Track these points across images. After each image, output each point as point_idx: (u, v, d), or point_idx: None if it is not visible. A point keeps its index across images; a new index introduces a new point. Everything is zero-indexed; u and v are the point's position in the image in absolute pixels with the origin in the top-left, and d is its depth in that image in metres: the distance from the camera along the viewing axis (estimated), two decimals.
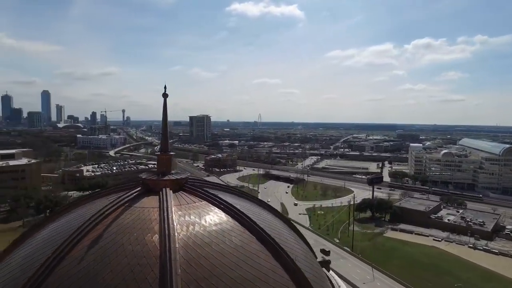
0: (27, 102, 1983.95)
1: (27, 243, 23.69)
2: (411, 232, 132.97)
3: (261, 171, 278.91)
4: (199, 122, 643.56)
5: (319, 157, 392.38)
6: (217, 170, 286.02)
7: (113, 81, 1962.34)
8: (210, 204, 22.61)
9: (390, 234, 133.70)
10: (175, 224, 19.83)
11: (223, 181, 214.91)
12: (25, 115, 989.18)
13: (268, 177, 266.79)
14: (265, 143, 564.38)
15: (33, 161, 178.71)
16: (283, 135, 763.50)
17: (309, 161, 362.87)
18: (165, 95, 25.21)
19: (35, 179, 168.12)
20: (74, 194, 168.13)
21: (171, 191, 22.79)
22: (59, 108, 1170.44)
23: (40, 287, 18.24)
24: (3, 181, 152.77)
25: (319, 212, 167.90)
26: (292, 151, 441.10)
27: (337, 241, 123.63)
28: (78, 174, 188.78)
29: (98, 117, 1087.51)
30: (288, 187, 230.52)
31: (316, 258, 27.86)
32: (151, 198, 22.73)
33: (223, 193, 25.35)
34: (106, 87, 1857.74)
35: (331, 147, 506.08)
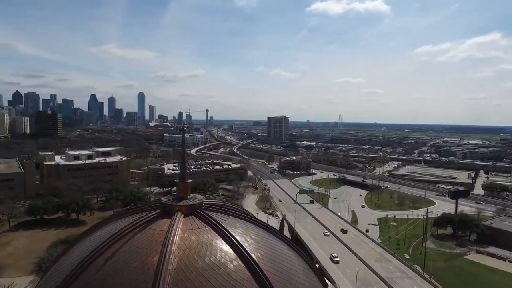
0: (127, 103, 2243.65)
1: (69, 251, 28.18)
2: (503, 259, 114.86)
3: (335, 175, 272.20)
4: (277, 123, 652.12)
5: (401, 162, 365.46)
6: (290, 172, 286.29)
7: (199, 82, 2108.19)
8: (212, 230, 23.95)
9: (473, 257, 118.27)
10: (173, 248, 21.69)
11: (271, 194, 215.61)
12: (124, 114, 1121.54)
13: (342, 182, 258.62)
14: (343, 145, 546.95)
15: (124, 158, 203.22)
16: (364, 137, 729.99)
17: (388, 166, 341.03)
18: (183, 131, 27.34)
19: (125, 174, 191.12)
20: (155, 190, 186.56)
21: (182, 215, 24.78)
22: (151, 109, 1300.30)
23: None
24: (101, 175, 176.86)
25: (391, 223, 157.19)
26: (371, 155, 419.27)
27: (408, 257, 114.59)
28: (160, 172, 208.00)
29: (184, 116, 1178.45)
30: (361, 195, 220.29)
31: None
32: (164, 220, 24.98)
33: (234, 219, 26.53)
34: (192, 88, 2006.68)
35: (416, 151, 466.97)
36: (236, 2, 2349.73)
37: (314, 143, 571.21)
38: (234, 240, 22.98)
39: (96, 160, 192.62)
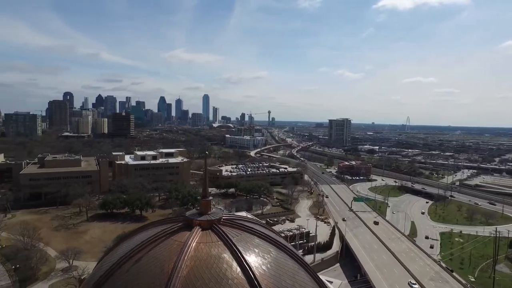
0: (193, 104, 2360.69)
1: (112, 251, 32.47)
2: None
3: (397, 183, 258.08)
4: (339, 126, 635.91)
5: (475, 171, 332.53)
6: (349, 177, 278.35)
7: (262, 84, 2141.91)
8: (223, 244, 26.08)
9: None
10: (186, 258, 24.28)
11: (326, 199, 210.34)
12: (190, 115, 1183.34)
13: (404, 190, 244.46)
14: (409, 150, 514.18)
15: (185, 160, 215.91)
16: (434, 141, 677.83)
17: (460, 175, 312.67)
18: (205, 156, 29.87)
19: (185, 175, 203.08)
20: (212, 191, 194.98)
21: (200, 229, 27.38)
22: (215, 110, 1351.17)
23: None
24: (164, 175, 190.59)
25: (456, 239, 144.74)
26: (440, 162, 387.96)
27: (472, 280, 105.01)
28: (218, 173, 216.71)
29: (246, 118, 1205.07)
30: (427, 202, 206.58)
31: None
32: (185, 233, 27.76)
33: (247, 234, 28.32)
34: (256, 89, 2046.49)
35: (496, 159, 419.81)
36: (300, 3, 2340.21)
37: (377, 147, 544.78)
38: (240, 255, 24.81)
39: (159, 160, 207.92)
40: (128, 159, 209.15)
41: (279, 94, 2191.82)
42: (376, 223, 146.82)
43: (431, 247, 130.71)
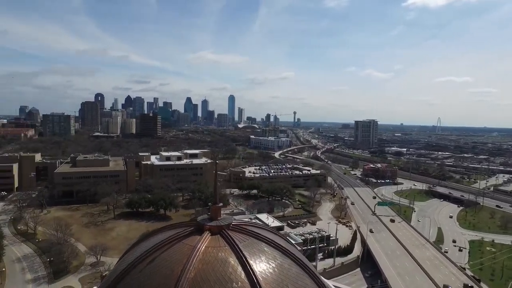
0: (219, 104, 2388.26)
1: (129, 252, 34.51)
2: None
3: (425, 187, 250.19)
4: (365, 127, 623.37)
5: None
6: (374, 180, 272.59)
7: (288, 84, 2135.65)
8: (229, 249, 27.29)
9: None
10: (193, 262, 25.67)
11: (349, 202, 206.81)
12: (216, 116, 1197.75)
13: (431, 194, 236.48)
14: (439, 153, 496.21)
15: (208, 161, 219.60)
16: (467, 143, 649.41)
17: (494, 180, 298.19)
18: (215, 164, 31.27)
19: (209, 176, 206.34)
20: (235, 192, 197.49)
21: (209, 234, 28.75)
22: (240, 111, 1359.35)
23: (116, 286, 27.64)
24: (188, 176, 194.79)
25: (488, 248, 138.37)
26: (473, 165, 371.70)
27: None
28: (241, 175, 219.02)
29: (272, 118, 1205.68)
30: (459, 207, 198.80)
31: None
32: (195, 237, 29.19)
33: (254, 240, 29.38)
34: (281, 90, 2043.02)
35: None
36: (326, 2, 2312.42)
37: (405, 149, 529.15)
38: (245, 260, 25.93)
39: (184, 161, 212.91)
40: (154, 159, 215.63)
41: (305, 95, 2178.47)
42: (392, 220, 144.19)
43: (460, 250, 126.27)
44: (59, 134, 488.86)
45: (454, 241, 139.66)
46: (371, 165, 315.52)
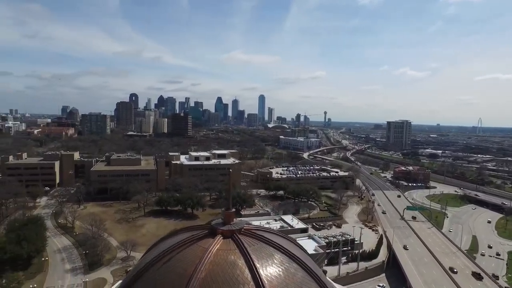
0: (249, 104, 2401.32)
1: (149, 252, 37.22)
2: None
3: (460, 192, 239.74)
4: (398, 128, 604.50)
5: None
6: (405, 184, 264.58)
7: (319, 84, 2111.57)
8: (239, 252, 28.96)
9: None
10: (205, 263, 27.62)
11: (377, 206, 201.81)
12: (246, 116, 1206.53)
13: (467, 200, 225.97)
14: (479, 155, 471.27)
15: (236, 161, 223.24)
16: None
17: None
18: (229, 172, 33.24)
19: (236, 176, 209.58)
20: (261, 192, 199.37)
21: (222, 237, 30.66)
22: (270, 110, 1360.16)
23: (136, 282, 30.24)
24: (216, 176, 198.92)
25: None
26: None
27: None
28: (268, 175, 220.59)
29: (302, 118, 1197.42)
30: (491, 219, 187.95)
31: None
32: (209, 239, 31.07)
33: (263, 245, 30.89)
34: (313, 89, 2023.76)
35: None
36: (359, 0, 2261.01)
37: (441, 151, 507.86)
38: (252, 263, 27.48)
39: (212, 161, 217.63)
40: (183, 159, 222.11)
41: (336, 94, 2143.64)
42: (413, 217, 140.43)
43: (498, 254, 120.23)
44: (96, 132, 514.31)
45: (490, 247, 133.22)
46: (402, 168, 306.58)
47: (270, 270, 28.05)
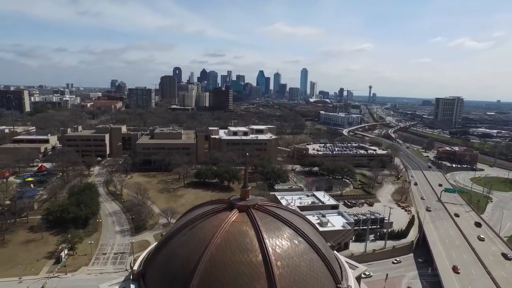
0: (291, 77, 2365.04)
1: (178, 221, 43.36)
2: None
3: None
4: (447, 105, 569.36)
5: None
6: (448, 165, 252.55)
7: (365, 57, 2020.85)
8: (250, 224, 33.84)
9: None
10: (221, 232, 32.82)
11: (415, 187, 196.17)
12: (287, 89, 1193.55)
13: None
14: None
15: (273, 137, 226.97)
16: None
17: None
18: (246, 158, 37.41)
19: (273, 152, 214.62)
20: (297, 168, 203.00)
21: (237, 211, 35.66)
22: (312, 85, 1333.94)
23: (161, 250, 36.39)
24: (252, 150, 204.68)
25: None
26: None
27: None
28: (304, 152, 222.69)
29: (345, 93, 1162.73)
30: None
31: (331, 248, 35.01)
32: (227, 212, 36.34)
33: (273, 219, 35.52)
34: (358, 62, 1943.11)
35: None
36: None
37: (496, 131, 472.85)
38: (260, 234, 32.36)
39: (250, 137, 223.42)
40: (222, 133, 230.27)
41: (383, 68, 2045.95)
42: (456, 215, 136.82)
43: None
44: (142, 106, 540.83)
45: None
46: (447, 148, 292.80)
47: (275, 240, 32.89)
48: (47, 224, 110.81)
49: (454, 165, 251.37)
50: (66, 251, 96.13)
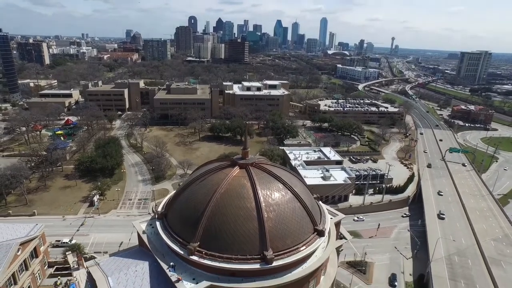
0: (310, 27, 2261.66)
1: (193, 173, 53.05)
2: None
3: None
4: (472, 60, 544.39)
5: None
6: (461, 124, 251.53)
7: (391, 4, 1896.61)
8: (248, 179, 43.09)
9: None
10: (225, 183, 42.34)
11: (421, 145, 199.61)
12: (305, 40, 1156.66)
13: None
14: None
15: (286, 92, 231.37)
16: None
17: None
18: (245, 126, 45.56)
19: (285, 107, 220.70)
20: (307, 123, 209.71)
21: (238, 168, 44.84)
22: (332, 35, 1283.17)
23: (179, 196, 46.38)
24: (265, 106, 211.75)
25: None
26: None
27: None
28: (316, 107, 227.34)
29: (365, 45, 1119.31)
30: None
31: (314, 198, 45.67)
32: (230, 169, 45.68)
33: (267, 175, 44.65)
34: (382, 10, 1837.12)
35: None
36: None
37: None
38: (254, 186, 41.75)
39: (263, 92, 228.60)
40: (236, 88, 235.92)
41: (410, 17, 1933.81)
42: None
43: None
44: (158, 58, 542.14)
45: None
46: (462, 107, 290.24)
47: (266, 191, 42.52)
48: (79, 173, 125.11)
49: (466, 124, 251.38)
50: (97, 196, 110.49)
